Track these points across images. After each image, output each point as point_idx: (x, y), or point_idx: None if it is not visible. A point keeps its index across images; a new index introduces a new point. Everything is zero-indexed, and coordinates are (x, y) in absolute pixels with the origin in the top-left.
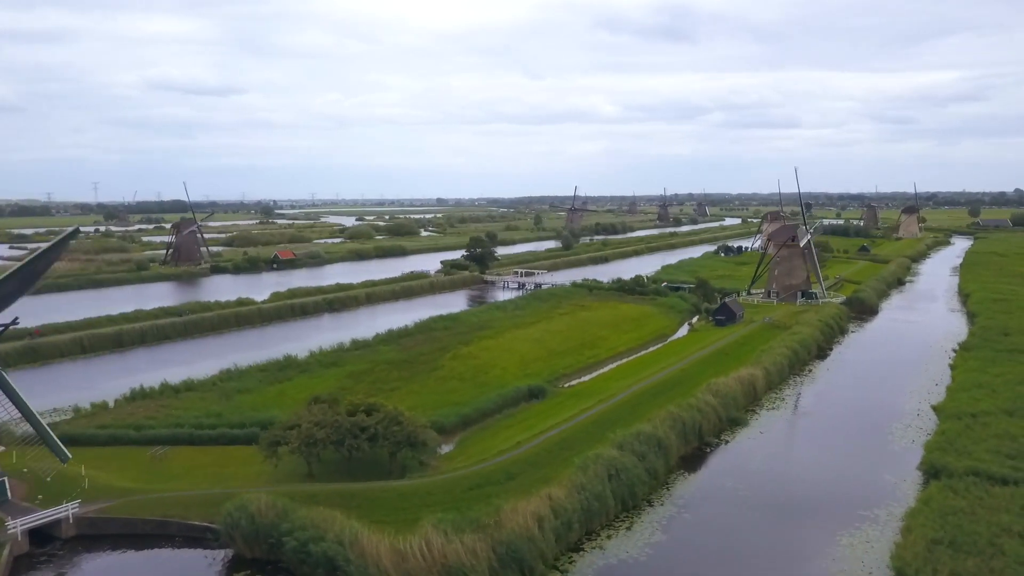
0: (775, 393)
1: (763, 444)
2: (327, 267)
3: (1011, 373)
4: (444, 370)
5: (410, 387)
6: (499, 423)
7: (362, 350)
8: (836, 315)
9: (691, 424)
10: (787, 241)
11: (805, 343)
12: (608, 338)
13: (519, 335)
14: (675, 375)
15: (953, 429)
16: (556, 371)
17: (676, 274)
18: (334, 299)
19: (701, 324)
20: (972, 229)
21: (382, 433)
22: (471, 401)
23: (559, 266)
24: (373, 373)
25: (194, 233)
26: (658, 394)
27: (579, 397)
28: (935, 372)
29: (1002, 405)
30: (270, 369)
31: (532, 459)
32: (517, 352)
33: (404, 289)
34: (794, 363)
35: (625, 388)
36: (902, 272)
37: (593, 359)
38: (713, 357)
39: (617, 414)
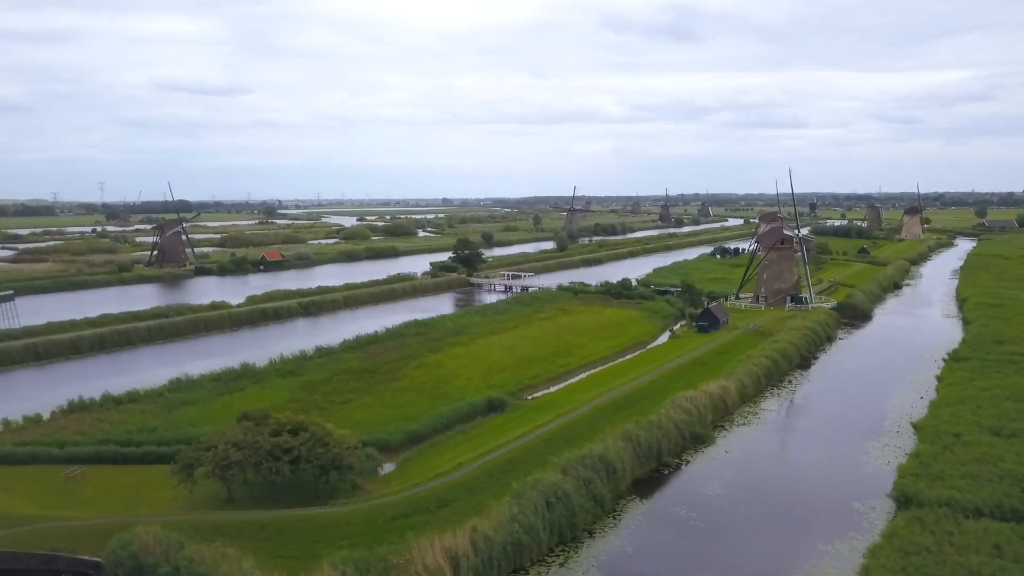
0: (748, 407)
1: (726, 465)
2: (316, 268)
3: (999, 386)
4: (405, 380)
5: (364, 399)
6: (449, 440)
7: (325, 358)
8: (824, 321)
9: (648, 443)
10: (776, 243)
11: (786, 352)
12: (584, 345)
13: (493, 342)
14: (644, 387)
15: (930, 451)
16: (523, 381)
17: (668, 277)
18: (310, 303)
19: (683, 330)
20: (977, 230)
21: (305, 455)
22: (424, 416)
23: (551, 268)
24: (330, 383)
25: (179, 234)
26: (621, 408)
27: (540, 411)
28: (921, 384)
29: (986, 423)
30: (223, 379)
31: (470, 483)
32: (486, 360)
33: (385, 292)
34: (772, 374)
35: (589, 401)
36: (899, 275)
37: (565, 368)
38: (688, 367)
39: (573, 431)
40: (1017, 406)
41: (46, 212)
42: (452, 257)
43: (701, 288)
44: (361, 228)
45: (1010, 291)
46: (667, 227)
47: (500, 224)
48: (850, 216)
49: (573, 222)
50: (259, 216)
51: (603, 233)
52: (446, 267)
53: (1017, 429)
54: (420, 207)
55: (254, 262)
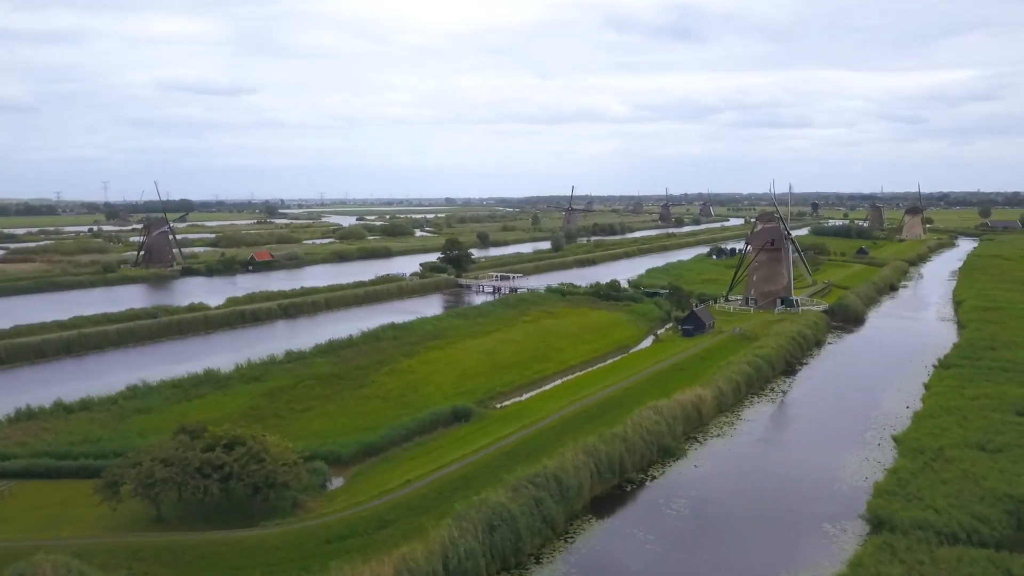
0: (725, 417)
1: (694, 482)
2: (306, 269)
3: (988, 395)
4: (373, 387)
5: (327, 407)
6: (406, 453)
7: (295, 363)
8: (814, 325)
9: (611, 458)
10: (766, 244)
11: (769, 358)
12: (564, 350)
13: (471, 346)
14: (617, 395)
15: (909, 467)
16: (495, 388)
17: (661, 278)
18: (289, 305)
19: (667, 334)
20: (980, 231)
21: (237, 473)
22: (384, 426)
23: (543, 269)
24: (295, 390)
25: (165, 234)
26: (591, 418)
27: (506, 421)
28: (909, 392)
29: (971, 437)
30: (184, 385)
31: (416, 502)
32: (461, 366)
33: (369, 294)
34: (754, 381)
35: (559, 410)
36: (896, 277)
37: (540, 374)
38: (667, 373)
39: (536, 444)
40: (1005, 418)
41: (48, 212)
42: (441, 258)
43: (693, 290)
44: (357, 228)
45: (1007, 293)
46: (667, 227)
47: (498, 224)
48: (852, 216)
49: (571, 222)
50: (259, 216)
51: (602, 233)
52: (436, 268)
53: (1003, 443)
54: (423, 207)
55: (243, 262)
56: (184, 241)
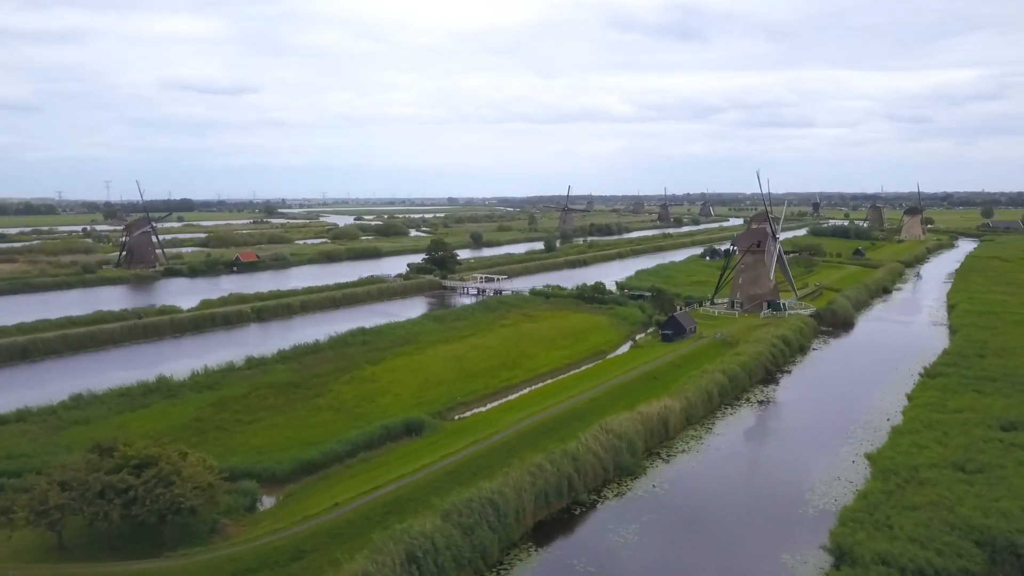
0: (693, 430)
1: (649, 504)
2: (293, 270)
3: (973, 408)
4: (328, 396)
5: (275, 419)
6: (347, 471)
7: (254, 369)
8: (799, 330)
9: (558, 479)
10: (752, 246)
11: (747, 366)
12: (537, 356)
13: (441, 352)
14: (581, 406)
15: (880, 490)
16: (457, 398)
17: (649, 280)
18: (263, 308)
19: (646, 339)
20: (980, 231)
21: (142, 497)
22: (329, 440)
23: (531, 270)
24: (247, 399)
25: (148, 234)
26: (549, 432)
27: (459, 435)
28: (891, 403)
29: (949, 456)
30: (132, 393)
31: (340, 529)
32: (426, 373)
33: (347, 296)
34: (728, 391)
35: (517, 422)
36: (890, 279)
37: (508, 382)
38: (637, 382)
39: (483, 462)
40: (988, 434)
41: (47, 211)
42: (425, 259)
43: (680, 292)
44: (351, 228)
45: (1002, 297)
46: (666, 227)
47: (494, 224)
48: (853, 216)
49: (567, 222)
50: (257, 215)
51: (598, 233)
52: (423, 269)
53: (983, 463)
54: (425, 206)
55: (227, 263)
56: (175, 241)
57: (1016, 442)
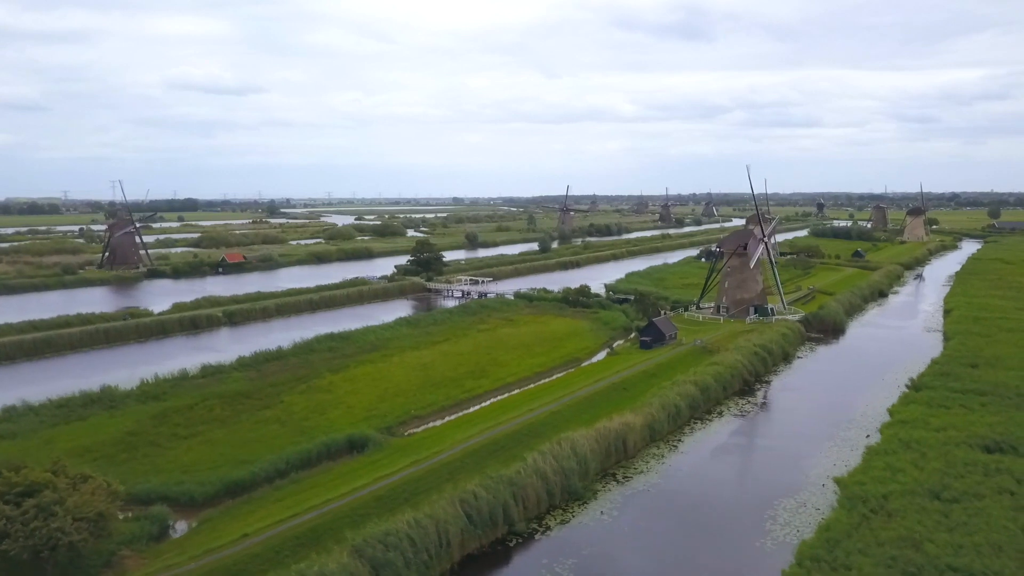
0: (657, 448)
1: (594, 535)
2: (281, 271)
3: (956, 426)
4: (278, 408)
5: (215, 433)
6: (274, 494)
7: (208, 378)
8: (784, 337)
9: (492, 507)
10: (738, 248)
11: (722, 377)
12: (508, 364)
13: (409, 359)
14: (539, 421)
15: (844, 522)
16: (413, 410)
17: (640, 282)
18: (235, 311)
19: (625, 346)
20: (985, 232)
21: (14, 533)
22: (264, 458)
23: (522, 272)
24: (191, 411)
25: (131, 234)
26: (500, 450)
27: (404, 452)
28: (872, 417)
29: (925, 481)
30: (71, 404)
31: (241, 566)
32: (387, 383)
33: (325, 299)
34: (699, 404)
35: (469, 439)
36: (886, 282)
37: (472, 392)
38: (604, 394)
39: (419, 485)
40: (969, 456)
41: (51, 211)
42: (411, 260)
43: (668, 295)
44: (347, 228)
45: (1001, 301)
46: (667, 227)
47: (493, 224)
48: (858, 217)
49: (566, 222)
50: (257, 215)
51: (597, 234)
52: (409, 271)
53: (961, 491)
54: (430, 206)
55: (212, 264)
56: (168, 241)
57: (999, 466)
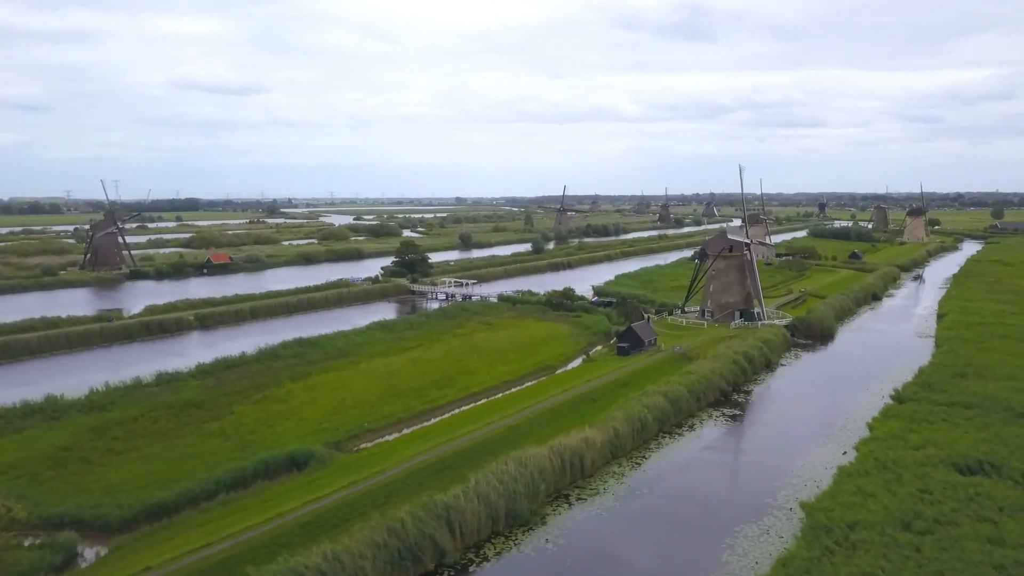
0: (618, 466)
1: (535, 567)
2: (268, 272)
3: (937, 443)
4: (226, 420)
5: (151, 449)
6: (199, 516)
7: (163, 386)
8: (767, 343)
9: (420, 537)
10: (723, 250)
11: (695, 387)
12: (478, 372)
13: (376, 366)
14: (498, 435)
15: (803, 558)
16: (368, 423)
17: (630, 284)
18: (208, 315)
19: (602, 352)
20: (987, 233)
21: None
22: (196, 476)
23: (511, 273)
24: (134, 423)
25: (113, 235)
26: (447, 469)
27: (348, 470)
28: (851, 432)
29: (897, 508)
30: (10, 416)
31: None
32: (347, 392)
33: (302, 302)
34: (669, 416)
35: (416, 456)
36: (881, 285)
37: (432, 403)
38: (571, 405)
39: (353, 509)
40: (948, 477)
41: (52, 210)
42: (394, 262)
43: (655, 298)
44: (341, 229)
45: (996, 305)
46: (667, 227)
47: (490, 224)
48: (860, 217)
49: (562, 223)
50: (256, 215)
51: (595, 234)
52: (395, 273)
53: (934, 518)
54: (433, 206)
55: (197, 265)
56: (159, 242)
57: (979, 490)
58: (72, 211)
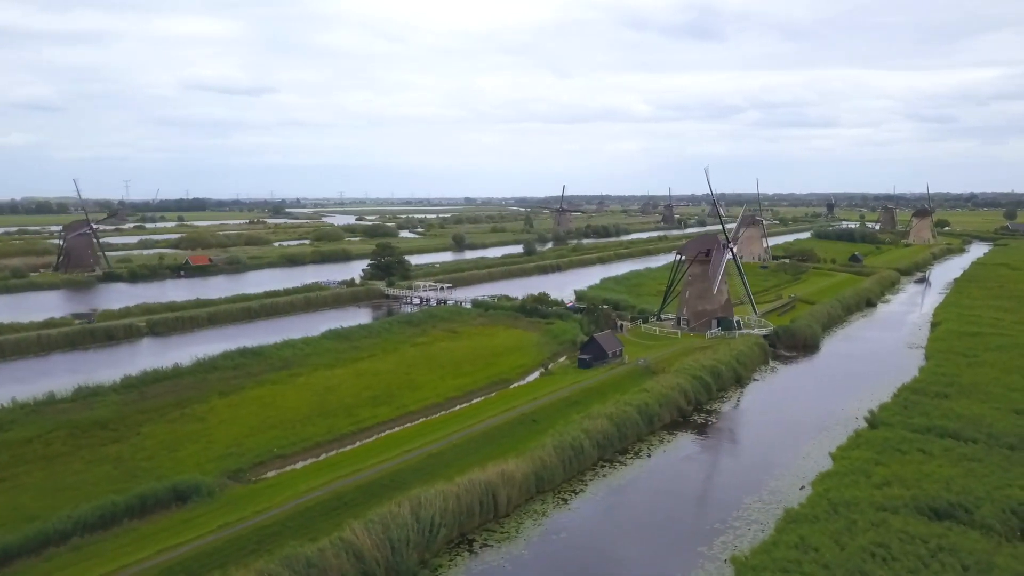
0: (541, 502)
1: None
2: (250, 274)
3: (904, 479)
4: (129, 442)
5: (30, 477)
6: (45, 565)
7: (79, 401)
8: (740, 356)
9: None
10: (699, 254)
11: (648, 407)
12: (425, 386)
13: (316, 380)
14: (413, 465)
15: None
16: (275, 449)
17: (614, 289)
18: (160, 321)
19: (561, 365)
20: (997, 234)
21: None
22: (58, 512)
23: (496, 276)
24: (25, 447)
25: (86, 236)
26: (342, 507)
27: (235, 506)
28: (811, 466)
29: (842, 566)
30: None
31: None
32: (274, 410)
33: (266, 307)
34: (614, 442)
35: (313, 490)
36: (878, 290)
37: (362, 424)
38: (507, 428)
39: (214, 559)
40: (910, 525)
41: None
42: (370, 265)
43: (636, 304)
44: (334, 229)
45: (996, 313)
46: (670, 228)
47: (488, 225)
48: (869, 218)
49: (561, 224)
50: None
51: (595, 235)
52: (374, 276)
53: None
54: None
55: (174, 267)
56: (148, 242)
57: (943, 542)
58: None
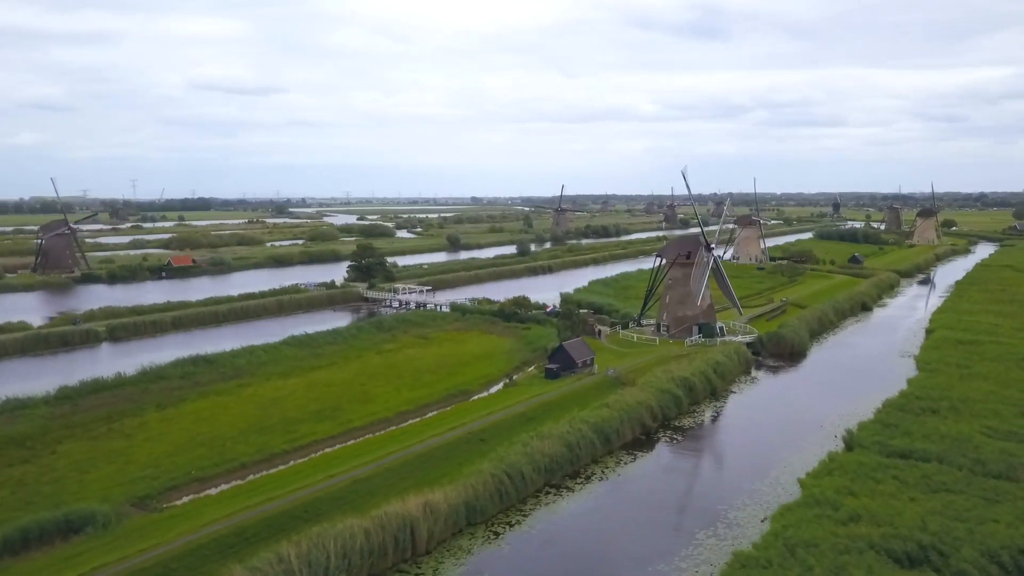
0: (469, 536)
1: None
2: (234, 275)
3: (873, 515)
4: (40, 462)
5: None
6: None
7: (4, 415)
8: (718, 366)
9: None
10: (679, 257)
11: (605, 425)
12: (378, 398)
13: (264, 391)
14: (335, 492)
15: None
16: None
17: (601, 291)
18: (119, 326)
19: (528, 375)
20: (1004, 235)
21: None
22: None
23: (482, 278)
24: None
25: (64, 236)
26: (243, 544)
27: (128, 539)
28: (779, 492)
29: None
30: None
31: None
32: (210, 425)
33: (235, 311)
34: (564, 464)
35: (218, 520)
36: (874, 293)
37: (298, 442)
38: (451, 448)
39: None
40: (875, 572)
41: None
42: (351, 267)
43: (620, 308)
44: (330, 229)
45: (995, 319)
46: (672, 228)
47: (486, 225)
48: (875, 217)
49: (560, 224)
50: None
51: (594, 235)
52: (357, 278)
53: None
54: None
55: (156, 268)
56: (139, 242)
57: None
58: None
